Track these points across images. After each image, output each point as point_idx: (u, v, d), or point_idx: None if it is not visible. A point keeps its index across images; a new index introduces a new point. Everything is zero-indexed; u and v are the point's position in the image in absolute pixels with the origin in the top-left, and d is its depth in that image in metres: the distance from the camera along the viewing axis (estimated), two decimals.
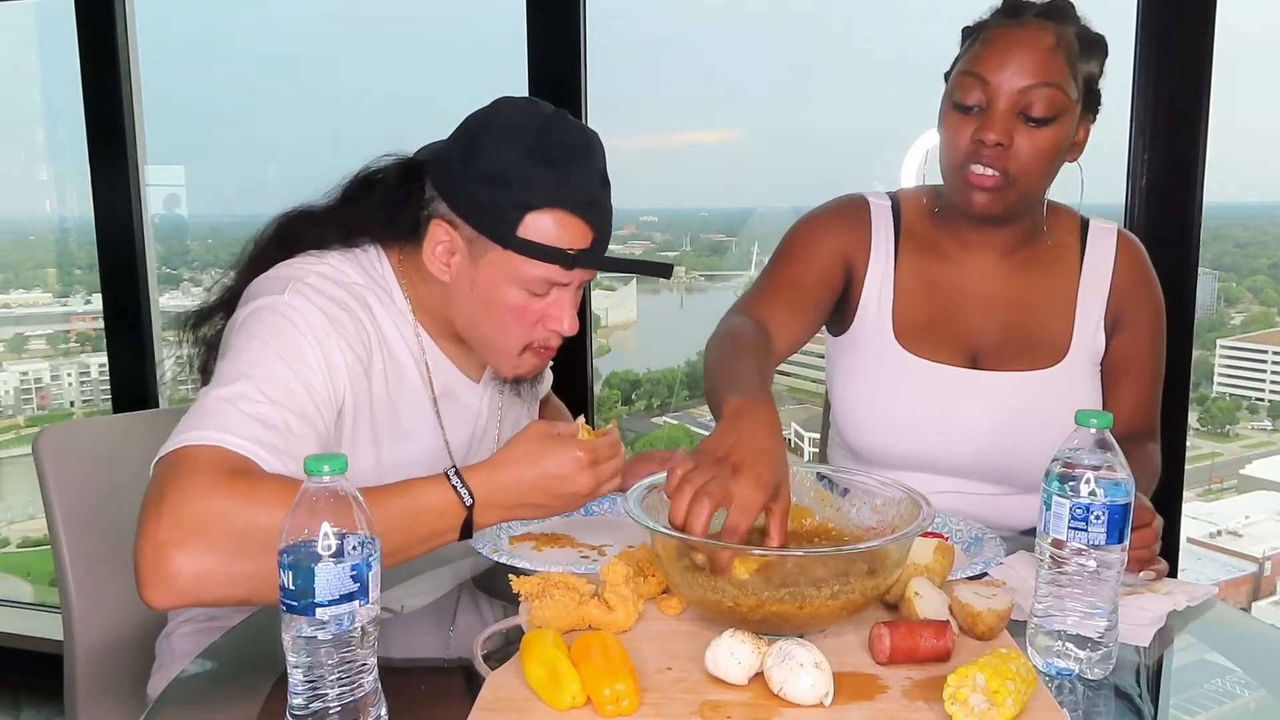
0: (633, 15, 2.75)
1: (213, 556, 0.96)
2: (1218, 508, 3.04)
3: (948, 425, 1.43)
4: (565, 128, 1.21)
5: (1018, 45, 1.31)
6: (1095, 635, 0.91)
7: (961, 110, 1.34)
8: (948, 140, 1.37)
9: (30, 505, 3.92)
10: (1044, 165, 1.34)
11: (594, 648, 0.88)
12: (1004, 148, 1.31)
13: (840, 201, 1.55)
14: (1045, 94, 1.30)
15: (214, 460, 1.01)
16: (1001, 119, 1.31)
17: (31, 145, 3.52)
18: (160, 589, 0.96)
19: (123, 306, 2.75)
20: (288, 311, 1.16)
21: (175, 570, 0.95)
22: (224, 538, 0.97)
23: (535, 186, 1.17)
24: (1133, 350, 1.47)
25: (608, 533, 1.29)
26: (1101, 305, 1.46)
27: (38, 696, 2.80)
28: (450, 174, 1.22)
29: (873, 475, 1.15)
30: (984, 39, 1.34)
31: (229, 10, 3.23)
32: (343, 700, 0.76)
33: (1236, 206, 2.75)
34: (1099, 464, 0.89)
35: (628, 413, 3.44)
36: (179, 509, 0.97)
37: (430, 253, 1.23)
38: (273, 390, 1.09)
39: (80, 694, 1.41)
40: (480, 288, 1.22)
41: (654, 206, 3.52)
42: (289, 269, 1.22)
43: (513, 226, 1.18)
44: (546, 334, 1.26)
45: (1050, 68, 1.30)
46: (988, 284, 1.47)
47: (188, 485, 0.99)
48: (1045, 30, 1.31)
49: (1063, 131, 1.33)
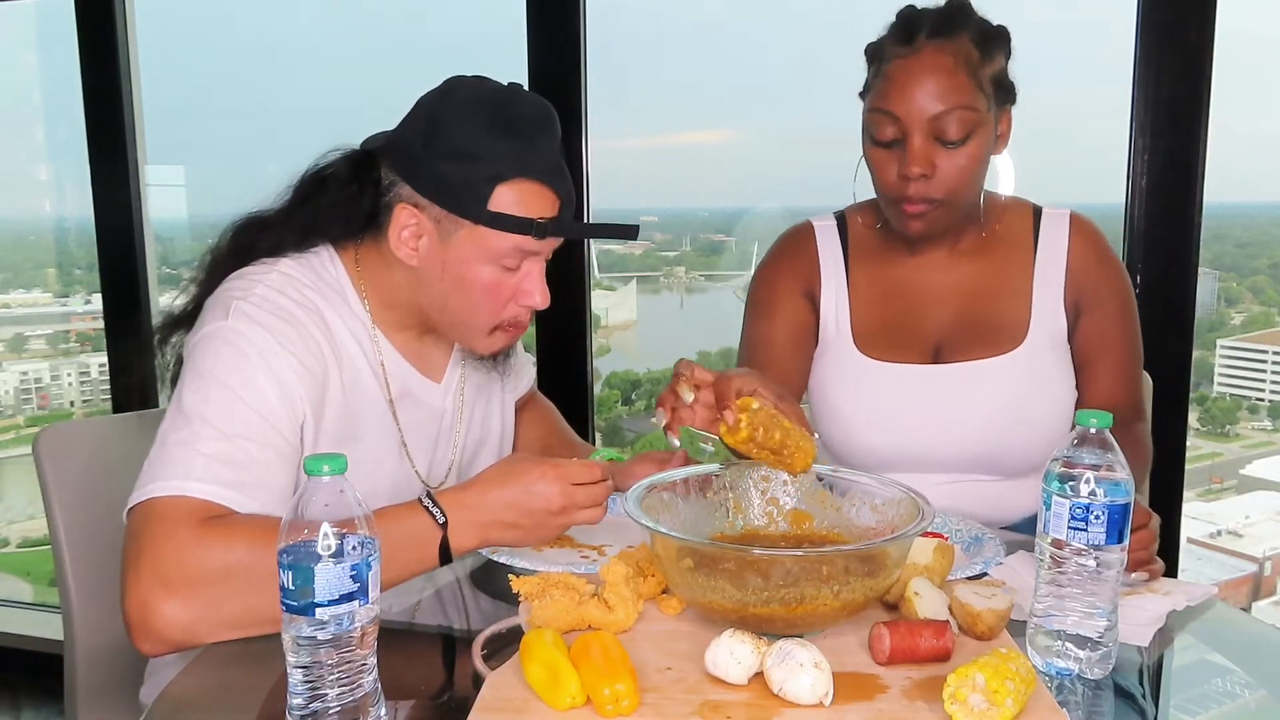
0: (633, 15, 2.75)
1: (198, 605, 1.01)
2: (1218, 508, 3.04)
3: (917, 420, 1.46)
4: (523, 100, 1.23)
5: (917, 76, 1.32)
6: (1095, 635, 0.91)
7: (882, 146, 1.37)
8: (875, 174, 1.41)
9: (30, 505, 3.92)
10: (970, 178, 1.38)
11: (594, 648, 0.87)
12: (928, 178, 1.35)
13: (785, 238, 1.61)
14: (956, 116, 1.32)
15: (184, 511, 1.05)
16: (919, 151, 1.33)
17: (31, 145, 3.52)
18: (151, 642, 1.02)
19: (123, 306, 2.75)
20: (233, 339, 1.15)
21: (163, 624, 1.01)
22: (206, 586, 1.02)
23: (504, 158, 1.19)
24: (1101, 332, 1.48)
25: (608, 533, 1.29)
26: (1059, 287, 1.47)
27: (38, 696, 2.80)
28: (412, 156, 1.21)
29: (872, 475, 1.16)
30: (885, 73, 1.36)
31: (229, 10, 3.23)
32: (343, 700, 0.77)
33: (1236, 206, 2.75)
34: (1099, 464, 0.89)
35: (628, 413, 3.44)
36: (159, 564, 1.02)
37: (396, 238, 1.23)
38: (228, 425, 1.11)
39: (80, 694, 1.41)
40: (452, 267, 1.22)
41: (654, 206, 3.52)
42: (237, 280, 1.22)
43: (484, 201, 1.19)
44: (518, 310, 1.27)
45: (955, 89, 1.32)
46: (941, 278, 1.50)
47: (162, 540, 1.03)
48: (941, 52, 1.32)
49: (982, 142, 1.36)
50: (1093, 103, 2.40)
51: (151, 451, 1.11)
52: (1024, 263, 1.49)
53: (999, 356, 1.46)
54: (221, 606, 1.02)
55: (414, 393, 1.32)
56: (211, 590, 1.01)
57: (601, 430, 2.96)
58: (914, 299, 1.51)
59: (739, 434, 1.10)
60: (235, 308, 1.18)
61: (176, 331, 1.29)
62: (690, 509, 1.13)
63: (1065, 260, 1.48)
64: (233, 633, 1.03)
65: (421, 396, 1.33)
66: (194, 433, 1.09)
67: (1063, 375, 1.48)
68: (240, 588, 1.01)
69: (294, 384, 1.16)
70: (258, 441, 1.11)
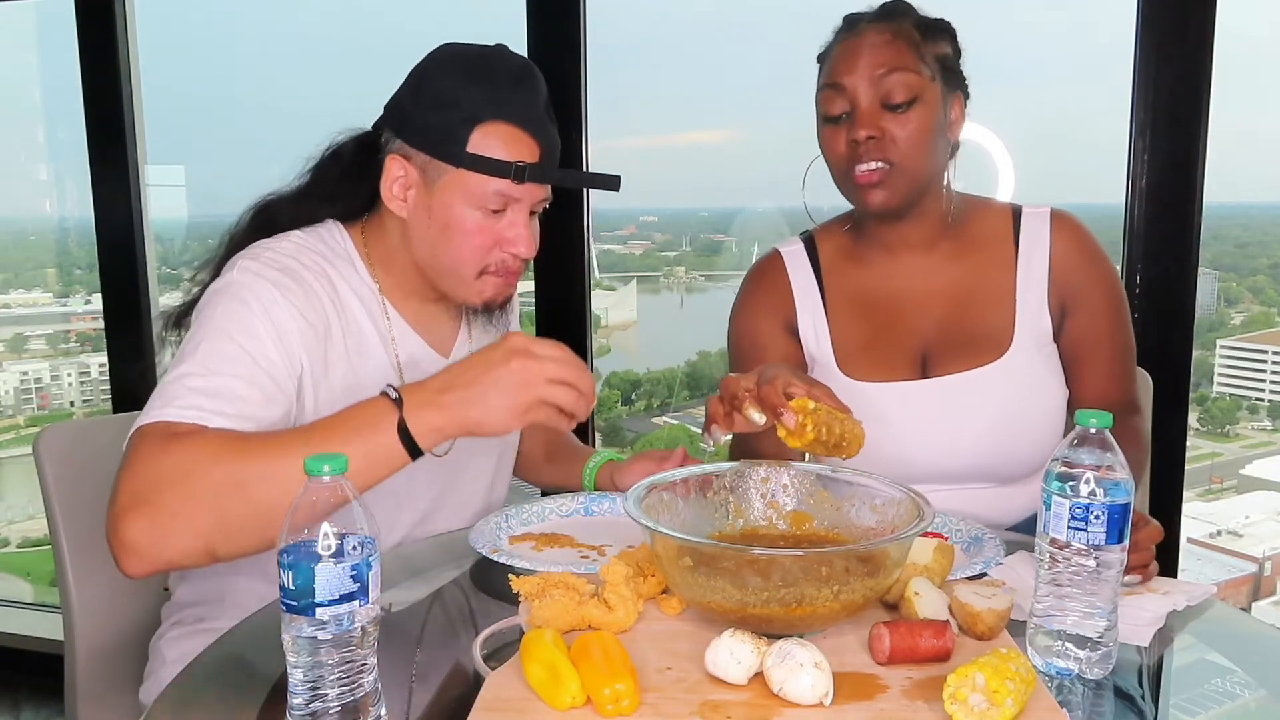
0: (632, 15, 2.75)
1: (164, 514, 1.01)
2: (1218, 508, 3.04)
3: (908, 438, 1.44)
4: (507, 55, 1.29)
5: (860, 48, 1.39)
6: (1095, 635, 0.91)
7: (832, 122, 1.42)
8: (828, 153, 1.44)
9: (30, 505, 3.92)
10: (921, 144, 1.39)
11: (594, 648, 0.87)
12: (877, 139, 1.37)
13: (754, 273, 1.61)
14: (898, 79, 1.37)
15: (157, 431, 1.07)
16: (867, 115, 1.38)
17: (31, 145, 3.52)
18: (125, 556, 1.03)
19: (123, 306, 2.75)
20: (236, 291, 1.20)
21: (132, 536, 1.01)
22: (172, 495, 1.02)
23: (480, 101, 1.24)
24: (1089, 330, 1.47)
25: (608, 533, 1.29)
26: (1042, 287, 1.46)
27: (38, 696, 2.80)
28: (401, 111, 1.29)
29: (872, 475, 1.15)
30: (831, 55, 1.43)
31: (229, 10, 3.23)
32: (343, 700, 0.76)
33: (1236, 206, 2.75)
34: (1099, 464, 0.89)
35: (628, 413, 3.44)
36: (129, 481, 1.04)
37: (388, 191, 1.28)
38: (216, 364, 1.14)
39: (80, 694, 1.41)
40: (437, 213, 1.26)
41: (654, 206, 3.52)
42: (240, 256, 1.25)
43: (463, 143, 1.23)
44: (504, 256, 1.29)
45: (895, 56, 1.38)
46: (919, 283, 1.49)
47: (134, 458, 1.05)
48: (881, 30, 1.40)
49: (929, 111, 1.39)
50: (1093, 103, 2.40)
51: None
52: (1005, 265, 1.48)
53: (986, 366, 1.44)
54: (186, 515, 1.02)
55: (421, 364, 1.35)
56: (173, 496, 1.02)
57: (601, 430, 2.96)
58: (894, 309, 1.50)
59: (806, 437, 1.13)
60: (241, 265, 1.23)
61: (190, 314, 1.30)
62: (690, 509, 1.13)
63: (1048, 260, 1.46)
64: (201, 544, 1.03)
65: (428, 368, 1.34)
66: (183, 371, 1.14)
67: (1052, 377, 1.47)
68: (204, 494, 1.01)
69: (293, 334, 1.20)
70: (244, 379, 1.14)
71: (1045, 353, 1.47)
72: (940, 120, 1.40)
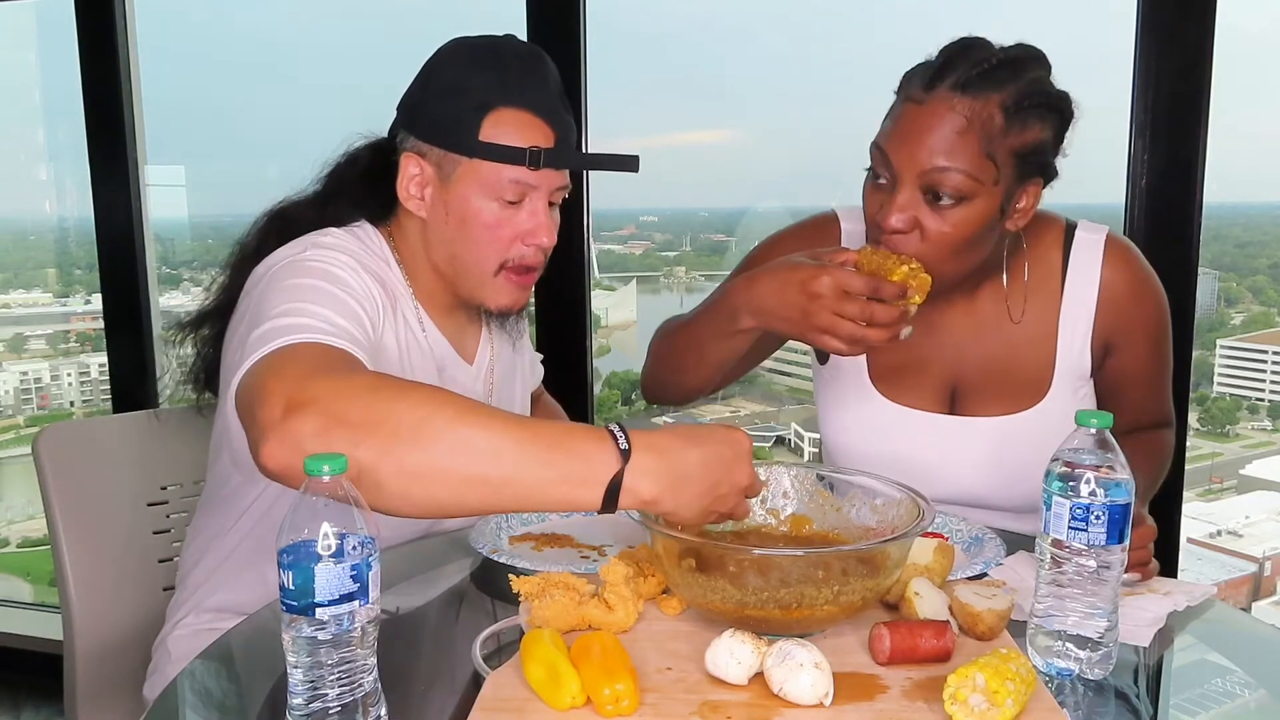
0: (633, 15, 2.75)
1: (333, 421, 0.87)
2: (1218, 508, 3.04)
3: (931, 469, 1.36)
4: (515, 43, 1.27)
5: (918, 126, 1.20)
6: (1095, 635, 0.91)
7: (874, 178, 1.26)
8: (865, 204, 1.29)
9: (30, 505, 3.92)
10: (955, 246, 1.23)
11: (594, 648, 0.87)
12: (905, 234, 1.22)
13: (808, 222, 1.50)
14: (949, 178, 1.19)
15: (320, 348, 0.99)
16: (903, 202, 1.21)
17: (31, 145, 3.51)
18: (281, 445, 0.88)
19: (123, 306, 2.75)
20: (314, 261, 1.16)
21: (298, 427, 0.87)
22: (350, 408, 0.88)
23: (490, 87, 1.22)
24: (1132, 367, 1.41)
25: (608, 533, 1.29)
26: (1087, 324, 1.38)
27: (38, 696, 2.80)
28: (413, 106, 1.27)
29: (872, 475, 1.15)
30: (894, 113, 1.25)
31: (229, 10, 3.23)
32: (343, 700, 0.76)
33: (1236, 206, 2.74)
34: (1099, 464, 0.89)
35: (628, 413, 3.44)
36: (305, 381, 0.91)
37: (405, 190, 1.26)
38: (330, 306, 1.07)
39: (80, 694, 1.41)
40: (454, 207, 1.24)
41: (654, 206, 3.52)
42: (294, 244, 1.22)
43: (474, 132, 1.21)
44: (524, 250, 1.26)
45: (957, 151, 1.18)
46: (960, 319, 1.40)
47: (304, 359, 0.96)
48: (955, 109, 1.19)
49: (978, 209, 1.21)
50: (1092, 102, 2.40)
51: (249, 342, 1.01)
52: (1051, 297, 1.38)
53: (1022, 413, 1.37)
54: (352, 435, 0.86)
55: (449, 369, 1.35)
56: (353, 412, 0.88)
57: None
58: (934, 336, 1.40)
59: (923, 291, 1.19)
60: (312, 241, 1.20)
61: (211, 319, 1.29)
62: None
63: (1096, 295, 1.36)
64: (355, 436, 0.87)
65: (455, 374, 1.35)
66: (294, 307, 1.04)
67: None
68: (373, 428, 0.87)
69: (373, 298, 1.18)
70: (355, 323, 1.08)
71: (1081, 394, 1.40)
72: (993, 219, 1.23)
